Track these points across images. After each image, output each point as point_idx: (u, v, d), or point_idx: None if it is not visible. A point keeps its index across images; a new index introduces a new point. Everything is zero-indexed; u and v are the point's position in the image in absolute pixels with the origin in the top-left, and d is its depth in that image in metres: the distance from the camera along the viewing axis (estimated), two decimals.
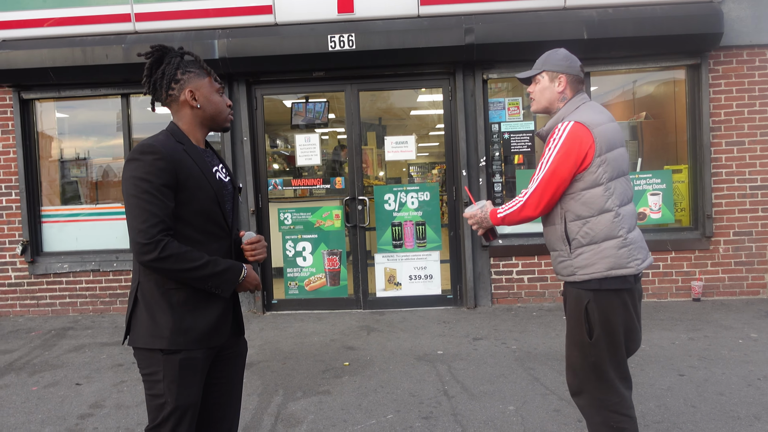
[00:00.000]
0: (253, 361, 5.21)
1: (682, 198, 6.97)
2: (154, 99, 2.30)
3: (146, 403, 2.16)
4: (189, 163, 2.14)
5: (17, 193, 7.18)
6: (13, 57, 6.70)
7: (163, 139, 2.15)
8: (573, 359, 2.70)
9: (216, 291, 2.15)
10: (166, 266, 2.04)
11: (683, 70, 6.93)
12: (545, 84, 2.76)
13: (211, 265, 2.11)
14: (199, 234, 2.17)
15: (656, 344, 5.23)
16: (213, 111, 2.28)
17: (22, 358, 5.56)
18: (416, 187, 6.99)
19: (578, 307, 2.63)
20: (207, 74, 2.28)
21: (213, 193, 2.19)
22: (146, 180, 2.03)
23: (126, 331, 2.20)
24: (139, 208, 2.02)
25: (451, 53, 6.53)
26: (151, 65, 2.25)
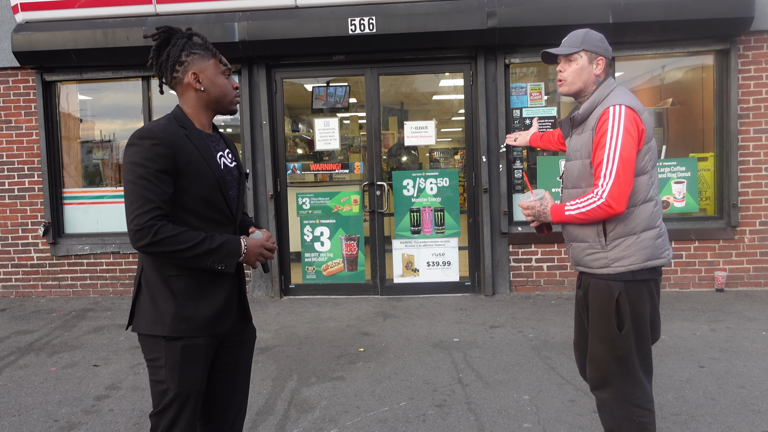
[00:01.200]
0: (269, 346, 5.22)
1: (707, 186, 6.82)
2: (161, 82, 2.27)
3: (150, 388, 2.17)
4: (190, 149, 2.11)
5: (39, 174, 7.26)
6: (36, 39, 6.75)
7: (164, 123, 2.12)
8: (598, 353, 2.61)
9: (219, 267, 2.11)
10: (161, 249, 2.01)
11: (711, 55, 6.76)
12: (583, 64, 2.61)
13: (208, 241, 2.08)
14: (201, 221, 2.14)
15: (677, 335, 5.14)
16: (218, 93, 2.24)
17: (42, 339, 5.64)
18: (435, 173, 6.92)
19: (608, 299, 2.55)
20: (212, 56, 2.23)
21: (214, 179, 2.15)
22: (143, 165, 2.01)
23: (130, 316, 2.20)
24: (135, 194, 2.00)
25: (472, 37, 6.43)
26: (158, 47, 2.22)
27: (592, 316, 2.63)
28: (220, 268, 2.12)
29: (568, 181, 2.68)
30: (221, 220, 2.21)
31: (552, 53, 2.66)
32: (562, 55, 2.65)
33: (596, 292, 2.60)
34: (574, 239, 2.67)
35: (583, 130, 2.62)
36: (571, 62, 2.63)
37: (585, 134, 2.60)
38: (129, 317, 2.21)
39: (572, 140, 2.69)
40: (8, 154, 7.28)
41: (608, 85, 2.61)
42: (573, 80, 2.63)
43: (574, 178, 2.64)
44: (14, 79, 7.25)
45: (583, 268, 2.67)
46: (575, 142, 2.65)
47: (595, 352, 2.63)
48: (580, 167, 2.60)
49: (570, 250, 2.74)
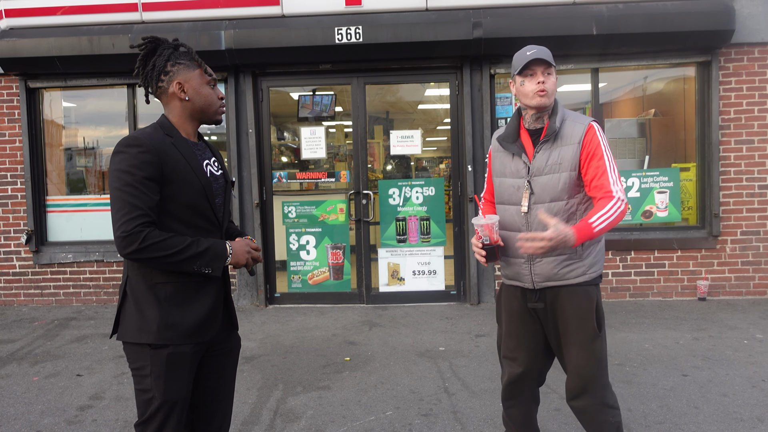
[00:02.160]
0: (254, 355, 5.20)
1: (690, 196, 6.91)
2: (146, 91, 2.28)
3: (135, 397, 2.16)
4: (176, 156, 2.12)
5: (23, 182, 7.19)
6: (20, 45, 6.70)
7: (151, 131, 2.14)
8: (578, 360, 2.63)
9: (206, 271, 2.12)
10: (149, 255, 2.02)
11: (693, 67, 6.85)
12: (555, 80, 2.64)
13: (194, 245, 2.09)
14: (187, 228, 2.15)
15: (660, 344, 5.19)
16: (202, 103, 2.25)
17: (25, 348, 5.58)
18: (421, 182, 6.95)
19: (588, 304, 2.62)
20: (198, 66, 2.25)
21: (200, 186, 2.16)
22: (129, 173, 2.02)
23: (114, 325, 2.19)
24: (122, 201, 2.01)
25: (458, 47, 6.48)
26: (144, 57, 2.24)
27: (566, 326, 2.64)
28: (207, 272, 2.13)
29: (546, 194, 2.62)
30: (207, 227, 2.22)
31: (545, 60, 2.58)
32: (546, 66, 2.60)
33: (572, 300, 2.62)
34: (549, 254, 2.60)
35: (561, 144, 2.61)
36: (550, 75, 2.62)
37: (567, 148, 2.60)
38: (114, 325, 2.20)
39: (544, 155, 2.64)
40: None
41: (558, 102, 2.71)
42: (552, 92, 2.62)
43: (556, 192, 2.61)
44: None
45: (553, 282, 2.65)
46: (553, 155, 2.61)
47: (576, 360, 2.64)
48: (566, 179, 2.60)
49: (534, 267, 2.66)
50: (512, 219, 2.70)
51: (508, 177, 2.73)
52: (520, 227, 2.68)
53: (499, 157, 2.79)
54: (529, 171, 2.65)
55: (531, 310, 2.74)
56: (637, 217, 6.77)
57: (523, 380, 2.82)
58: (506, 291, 2.84)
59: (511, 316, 2.79)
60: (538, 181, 2.63)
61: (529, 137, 2.71)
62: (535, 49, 2.60)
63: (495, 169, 2.81)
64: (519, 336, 2.78)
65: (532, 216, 2.64)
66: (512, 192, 2.71)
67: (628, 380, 4.37)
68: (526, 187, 2.65)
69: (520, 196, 2.68)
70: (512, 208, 2.71)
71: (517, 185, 2.69)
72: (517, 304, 2.77)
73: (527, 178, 2.66)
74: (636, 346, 5.15)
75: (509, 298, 2.81)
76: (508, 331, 2.81)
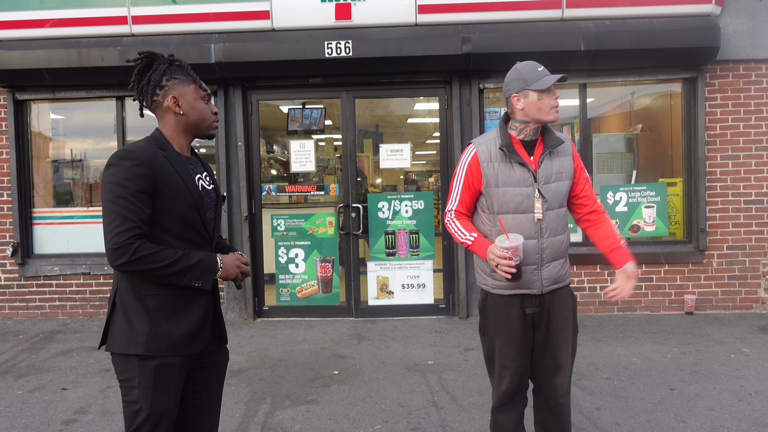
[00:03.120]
0: (242, 368, 5.16)
1: (677, 211, 6.96)
2: (141, 105, 2.28)
3: (123, 409, 2.15)
4: (168, 170, 2.13)
5: (9, 194, 7.14)
6: (8, 57, 6.67)
7: (144, 145, 2.15)
8: (566, 359, 2.82)
9: (196, 284, 2.14)
10: (139, 268, 2.02)
11: (680, 83, 6.93)
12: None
13: (185, 258, 2.10)
14: (178, 241, 2.16)
15: (648, 357, 5.20)
16: (196, 118, 2.26)
17: (9, 362, 5.51)
18: (410, 196, 6.96)
19: (572, 304, 2.89)
20: (193, 81, 2.27)
21: (192, 200, 2.17)
22: (122, 185, 2.03)
23: (103, 336, 2.19)
24: (114, 213, 2.02)
25: (447, 62, 6.52)
26: (139, 71, 2.26)
27: (559, 326, 2.81)
28: (197, 285, 2.13)
29: (555, 202, 2.77)
30: (198, 241, 2.23)
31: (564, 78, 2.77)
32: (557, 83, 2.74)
33: (563, 302, 2.83)
34: (557, 257, 2.79)
35: (558, 155, 2.79)
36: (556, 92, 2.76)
37: (563, 158, 2.80)
38: (102, 336, 2.20)
39: (549, 164, 2.77)
40: None
41: None
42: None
43: (562, 198, 2.80)
44: None
45: (556, 285, 2.81)
46: (555, 165, 2.78)
47: (566, 358, 2.82)
48: (567, 188, 2.82)
49: (542, 272, 2.77)
50: (522, 227, 2.73)
51: (513, 186, 2.74)
52: (533, 234, 2.74)
53: (496, 166, 2.77)
54: (536, 179, 2.73)
55: (528, 316, 2.80)
56: (624, 231, 6.81)
57: (520, 386, 2.90)
58: (501, 301, 2.82)
59: (511, 325, 2.80)
60: (548, 188, 2.74)
61: (522, 147, 2.79)
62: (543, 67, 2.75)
63: (491, 180, 2.76)
64: (519, 344, 2.81)
65: (545, 222, 2.74)
66: (521, 201, 2.73)
67: (616, 394, 4.37)
68: (537, 196, 2.72)
69: (530, 204, 2.73)
70: (522, 216, 2.74)
71: (526, 194, 2.73)
72: (516, 312, 2.79)
73: (537, 186, 2.72)
74: (624, 359, 5.16)
75: (507, 308, 2.80)
76: (508, 341, 2.81)
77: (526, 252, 2.70)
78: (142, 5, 6.68)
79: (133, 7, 6.68)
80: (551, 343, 2.81)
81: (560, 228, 2.80)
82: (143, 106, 2.29)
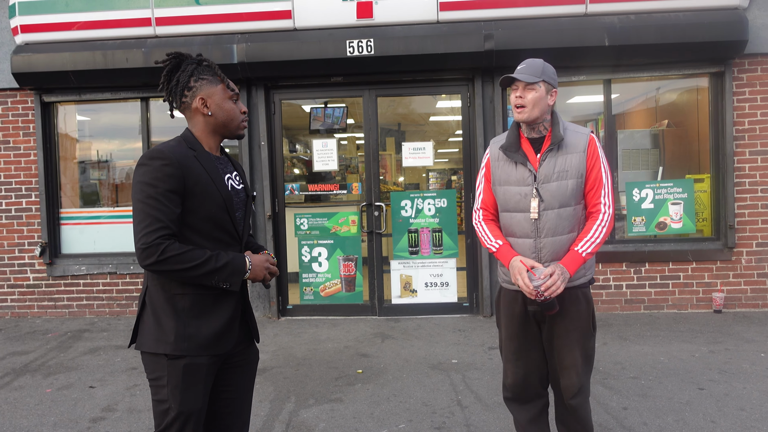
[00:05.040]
0: (266, 367, 5.19)
1: (704, 208, 6.85)
2: (171, 106, 2.30)
3: (152, 408, 2.16)
4: (198, 170, 2.14)
5: (37, 195, 7.25)
6: (35, 60, 6.78)
7: (174, 145, 2.16)
8: (575, 360, 2.78)
9: (225, 286, 2.14)
10: (167, 268, 2.04)
11: (706, 77, 6.82)
12: (542, 94, 2.73)
13: (213, 260, 2.10)
14: (208, 241, 2.17)
15: (675, 356, 5.13)
16: (225, 118, 2.27)
17: (38, 360, 5.59)
18: (433, 194, 6.93)
19: (586, 305, 2.81)
20: (220, 81, 2.27)
21: (222, 200, 2.18)
22: (152, 185, 2.04)
23: (133, 334, 2.21)
24: (143, 213, 2.03)
25: (470, 59, 6.48)
26: (168, 72, 2.26)
27: (563, 327, 2.79)
28: (225, 287, 2.14)
29: (555, 201, 2.73)
30: (227, 240, 2.24)
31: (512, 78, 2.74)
32: (523, 83, 2.73)
33: (573, 303, 2.78)
34: (558, 257, 2.76)
35: (566, 152, 2.74)
36: (530, 90, 2.72)
37: (572, 156, 2.73)
38: (132, 335, 2.22)
39: (551, 163, 2.74)
40: (6, 174, 7.28)
41: (557, 114, 2.82)
42: (532, 108, 2.71)
43: (565, 197, 2.73)
44: (13, 100, 7.26)
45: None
46: (559, 163, 2.73)
47: (573, 359, 2.78)
48: (574, 186, 2.74)
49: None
50: (520, 226, 2.79)
51: (513, 185, 2.80)
52: (529, 233, 2.77)
53: (500, 166, 2.85)
54: (536, 179, 2.74)
55: (530, 313, 2.84)
56: (651, 228, 6.71)
57: (526, 382, 2.93)
58: (507, 295, 2.93)
59: (512, 319, 2.90)
60: (547, 188, 2.73)
61: (530, 146, 2.80)
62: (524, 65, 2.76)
63: (496, 178, 2.87)
64: (520, 338, 2.90)
65: (542, 222, 2.74)
66: (519, 200, 2.78)
67: (644, 393, 4.31)
68: (534, 195, 2.73)
69: (527, 204, 2.76)
70: (519, 215, 2.79)
71: (523, 193, 2.77)
72: (518, 308, 2.87)
73: (534, 185, 2.74)
74: (651, 359, 5.10)
75: (510, 303, 2.90)
76: (509, 334, 2.93)
77: (522, 250, 2.78)
78: (166, 7, 6.73)
79: (157, 9, 6.74)
80: (555, 343, 2.84)
81: (564, 228, 2.74)
82: (173, 107, 2.30)
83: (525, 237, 2.78)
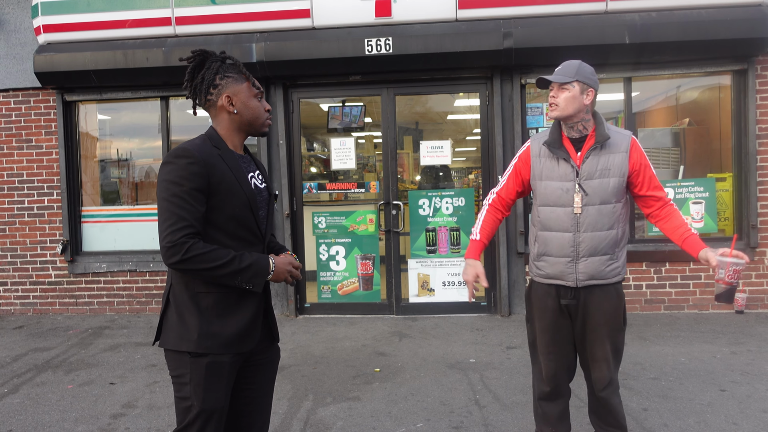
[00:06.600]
0: (284, 365, 5.21)
1: (726, 207, 6.76)
2: (194, 103, 2.30)
3: (175, 404, 2.18)
4: (223, 168, 2.14)
5: (59, 193, 7.34)
6: (57, 60, 6.85)
7: (199, 143, 2.16)
8: (606, 353, 2.89)
9: (248, 286, 2.14)
10: (191, 267, 2.04)
11: (729, 75, 6.73)
12: (575, 94, 2.82)
13: (237, 260, 2.10)
14: (231, 239, 2.18)
15: (696, 357, 5.07)
16: (250, 116, 2.27)
17: (59, 356, 5.66)
18: (451, 193, 6.92)
19: (618, 302, 2.92)
20: (246, 79, 2.27)
21: (246, 198, 2.18)
22: (177, 183, 2.05)
23: (157, 332, 2.22)
24: (168, 212, 2.04)
25: (488, 57, 6.45)
26: (192, 70, 2.26)
27: (596, 321, 2.89)
28: (248, 288, 2.14)
29: (596, 197, 2.84)
30: (250, 239, 2.24)
31: (547, 80, 2.88)
32: (556, 83, 2.85)
33: (606, 299, 2.88)
34: (596, 253, 2.86)
35: (609, 152, 2.85)
36: (564, 90, 2.83)
37: (615, 156, 2.84)
38: (156, 332, 2.23)
39: (593, 160, 2.85)
40: (28, 172, 7.37)
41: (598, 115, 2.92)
42: (565, 106, 2.82)
43: (606, 194, 2.84)
44: (35, 99, 7.36)
45: (594, 281, 2.88)
46: (602, 161, 2.84)
47: (605, 353, 2.90)
48: (615, 184, 2.84)
49: (578, 266, 2.88)
50: (560, 220, 2.89)
51: (555, 180, 2.90)
52: (569, 227, 2.87)
53: (543, 162, 2.95)
54: (578, 175, 2.83)
55: (564, 306, 2.93)
56: None
57: (558, 374, 3.01)
58: (539, 289, 3.01)
59: (545, 312, 2.98)
60: (589, 184, 2.83)
61: (571, 144, 2.90)
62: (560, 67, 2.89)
63: (537, 173, 2.97)
64: (552, 331, 2.98)
65: (584, 217, 2.84)
66: (560, 194, 2.88)
67: (664, 395, 4.27)
68: (577, 190, 2.83)
69: (569, 199, 2.86)
70: (560, 209, 2.88)
71: (565, 188, 2.87)
72: (552, 301, 2.96)
73: (577, 181, 2.84)
74: (672, 359, 5.04)
75: (543, 296, 2.99)
76: (543, 327, 3.00)
77: (560, 244, 2.87)
78: (186, 6, 6.77)
79: (177, 9, 6.78)
80: (587, 337, 2.94)
81: (603, 224, 2.85)
82: (196, 105, 2.31)
83: (564, 231, 2.88)
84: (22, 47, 7.26)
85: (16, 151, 7.39)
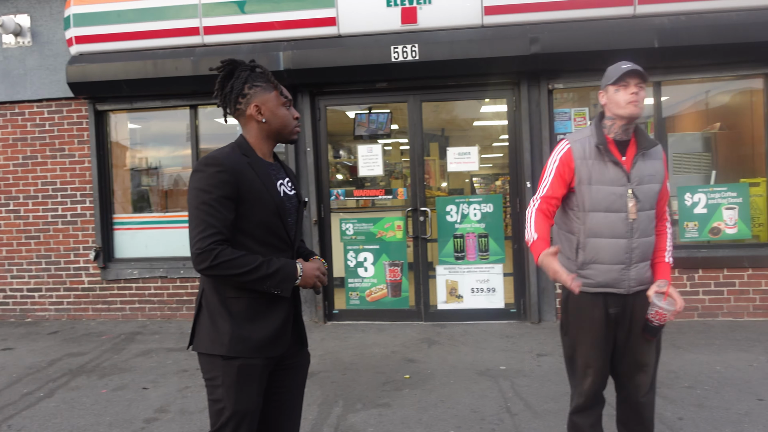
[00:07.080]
0: (314, 371, 5.22)
1: (760, 212, 6.64)
2: (225, 112, 2.33)
3: (208, 407, 2.21)
4: (251, 176, 2.17)
5: (91, 201, 7.46)
6: (89, 70, 6.98)
7: (229, 151, 2.20)
8: (647, 358, 2.84)
9: (276, 291, 2.17)
10: (220, 273, 2.08)
11: (761, 79, 6.62)
12: (644, 94, 2.76)
13: (265, 266, 2.13)
14: (260, 246, 2.20)
15: (732, 366, 4.98)
16: (279, 125, 2.30)
17: (93, 361, 5.74)
18: (479, 199, 6.89)
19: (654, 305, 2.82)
20: (274, 88, 2.29)
21: (274, 206, 2.21)
22: (207, 191, 2.08)
23: (191, 336, 2.26)
24: (198, 219, 2.08)
25: (515, 63, 6.43)
26: (222, 79, 2.29)
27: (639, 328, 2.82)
28: (276, 293, 2.16)
29: (646, 203, 2.78)
30: (279, 245, 2.26)
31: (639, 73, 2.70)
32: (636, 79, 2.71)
33: (646, 303, 2.77)
34: (645, 258, 2.82)
35: (652, 158, 2.81)
36: (640, 88, 2.72)
37: (656, 162, 2.81)
38: (190, 336, 2.27)
39: (642, 165, 2.77)
40: (62, 181, 7.51)
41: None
42: (642, 106, 2.75)
43: (653, 201, 2.80)
44: (68, 108, 7.50)
45: (642, 286, 2.81)
46: (648, 167, 2.78)
47: (649, 357, 2.84)
48: (657, 190, 2.80)
49: (630, 272, 2.79)
50: (613, 226, 2.75)
51: (606, 185, 2.75)
52: (623, 233, 2.75)
53: (590, 164, 2.78)
54: (630, 179, 2.74)
55: (611, 315, 2.81)
56: (704, 234, 6.55)
57: (601, 386, 2.93)
58: (584, 300, 2.82)
59: (594, 323, 2.82)
60: (641, 189, 2.75)
61: (615, 147, 2.80)
62: (630, 64, 2.73)
63: (584, 177, 2.78)
64: (601, 343, 2.84)
65: (638, 223, 2.75)
66: (614, 200, 2.75)
67: (700, 404, 4.20)
68: (630, 196, 2.73)
69: (623, 204, 2.74)
70: (614, 215, 2.75)
71: (618, 193, 2.74)
72: (599, 312, 2.81)
73: (630, 186, 2.74)
74: (707, 368, 4.96)
75: (590, 307, 2.82)
76: (591, 341, 2.84)
77: (614, 251, 2.75)
78: (214, 15, 6.85)
79: (205, 18, 6.87)
80: (634, 343, 2.85)
81: (650, 229, 2.82)
82: (227, 113, 2.33)
83: (617, 237, 2.74)
84: (55, 58, 7.41)
85: (50, 160, 7.54)
